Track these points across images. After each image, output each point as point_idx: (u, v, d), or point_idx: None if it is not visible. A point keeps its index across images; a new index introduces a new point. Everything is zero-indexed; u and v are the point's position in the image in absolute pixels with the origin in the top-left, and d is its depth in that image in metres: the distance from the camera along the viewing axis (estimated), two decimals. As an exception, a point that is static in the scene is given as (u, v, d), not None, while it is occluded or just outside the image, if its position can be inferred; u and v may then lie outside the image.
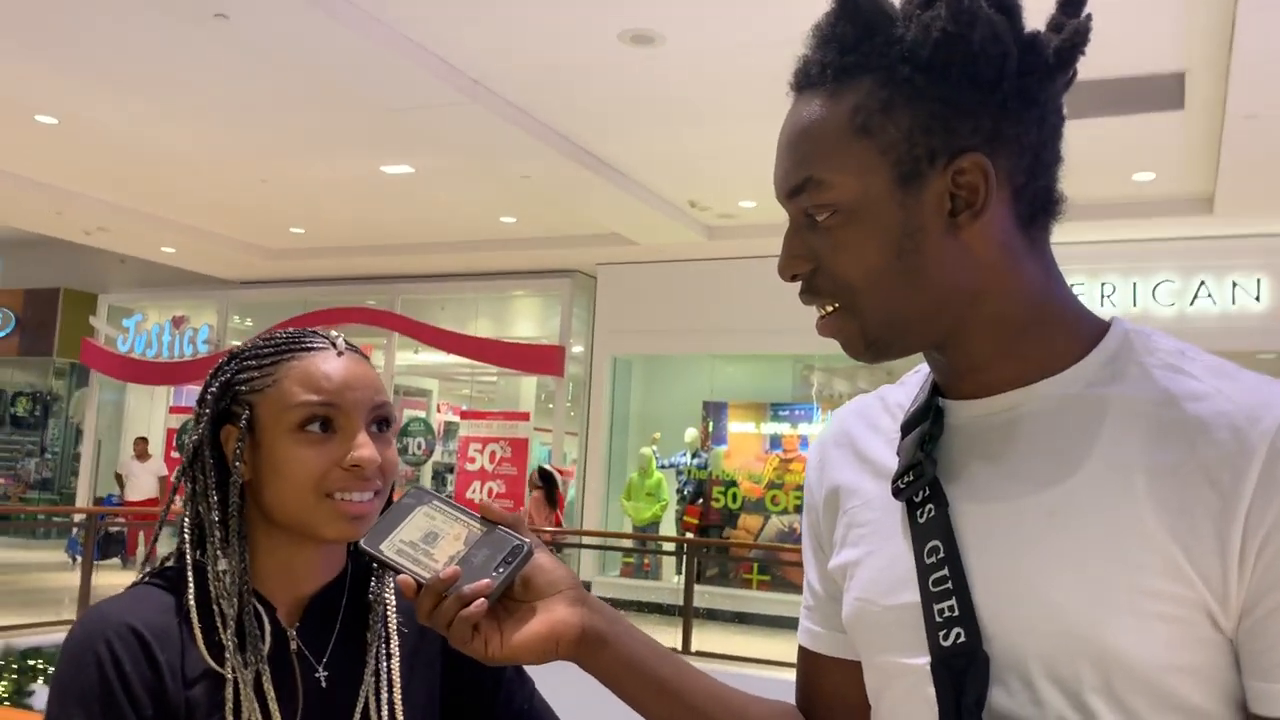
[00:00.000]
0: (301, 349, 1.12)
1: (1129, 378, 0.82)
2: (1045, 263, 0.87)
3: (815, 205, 0.84)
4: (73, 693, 0.99)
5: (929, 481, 0.85)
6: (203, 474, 1.10)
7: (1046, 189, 0.85)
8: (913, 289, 0.83)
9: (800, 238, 0.86)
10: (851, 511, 0.93)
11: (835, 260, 0.84)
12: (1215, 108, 6.41)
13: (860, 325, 0.86)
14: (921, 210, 0.82)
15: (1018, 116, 0.82)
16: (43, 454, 16.42)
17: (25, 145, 8.71)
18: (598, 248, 10.79)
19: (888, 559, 0.87)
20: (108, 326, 14.68)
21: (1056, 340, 0.85)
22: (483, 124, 7.12)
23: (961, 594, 0.80)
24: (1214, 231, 8.72)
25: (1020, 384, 0.85)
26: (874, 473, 0.92)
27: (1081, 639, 0.76)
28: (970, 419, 0.87)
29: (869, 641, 0.89)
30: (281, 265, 12.55)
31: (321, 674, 1.11)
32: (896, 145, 0.82)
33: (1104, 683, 0.76)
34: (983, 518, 0.83)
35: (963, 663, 0.78)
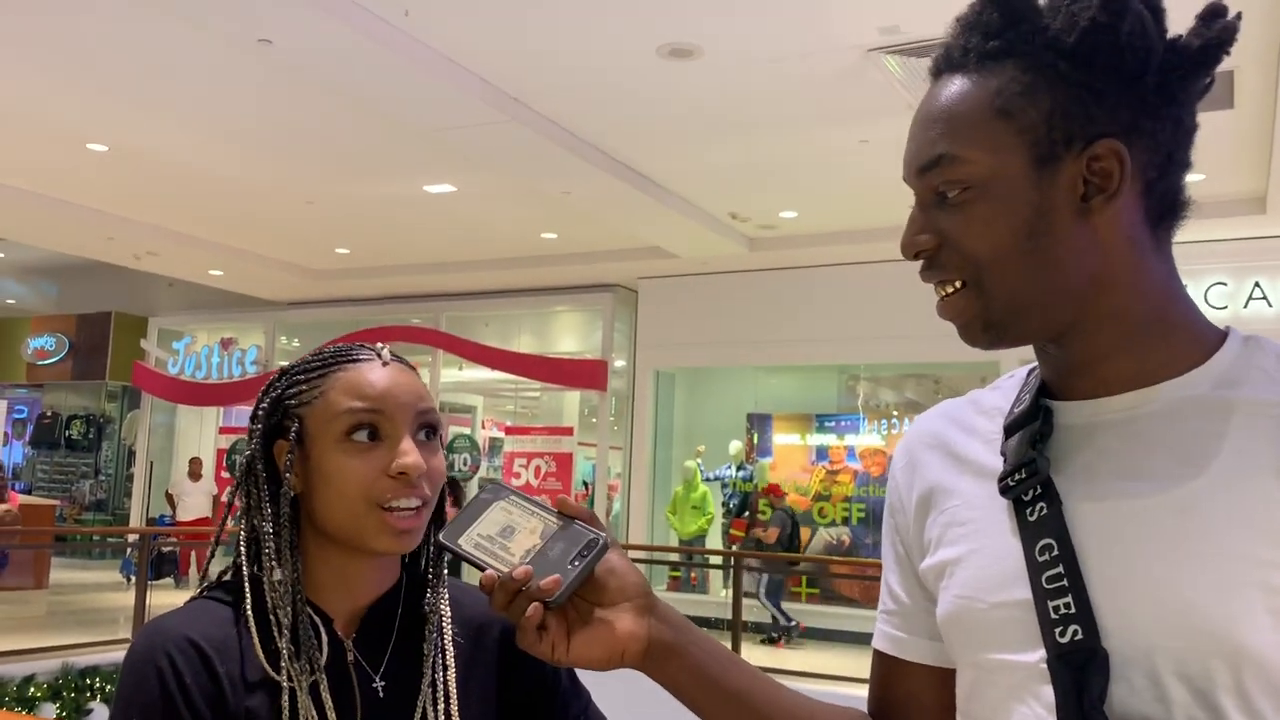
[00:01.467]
0: (348, 360, 1.14)
1: (1252, 382, 0.82)
2: (1169, 266, 0.88)
3: (947, 181, 0.85)
4: (135, 705, 1.00)
5: (1041, 480, 0.84)
6: (256, 488, 1.11)
7: (1175, 190, 0.86)
8: (1040, 271, 0.84)
9: (927, 215, 0.87)
10: (950, 511, 0.91)
11: (964, 237, 0.85)
12: (1266, 105, 6.30)
13: (983, 305, 0.86)
14: (1055, 192, 0.83)
15: (1156, 112, 0.83)
16: (97, 475, 16.73)
17: (77, 172, 8.90)
18: (638, 261, 10.80)
19: (993, 557, 0.86)
20: (158, 349, 14.93)
21: (1178, 342, 0.85)
22: (523, 141, 7.17)
23: (1078, 591, 0.79)
24: (1267, 231, 8.56)
25: (1138, 384, 0.84)
26: (974, 473, 0.91)
27: (1214, 637, 0.75)
28: (1085, 419, 0.86)
29: (971, 639, 0.87)
30: (327, 286, 12.71)
31: (379, 684, 1.11)
32: (1035, 127, 0.83)
33: (1235, 682, 0.75)
34: (1101, 516, 0.82)
35: (1081, 659, 0.77)
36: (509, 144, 7.26)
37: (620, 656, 0.87)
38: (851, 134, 7.09)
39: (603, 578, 0.88)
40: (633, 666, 0.89)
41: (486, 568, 0.87)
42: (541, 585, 0.84)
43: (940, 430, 0.97)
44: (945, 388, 11.38)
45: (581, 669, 0.88)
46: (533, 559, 0.87)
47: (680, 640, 0.90)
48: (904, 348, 9.90)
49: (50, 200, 9.67)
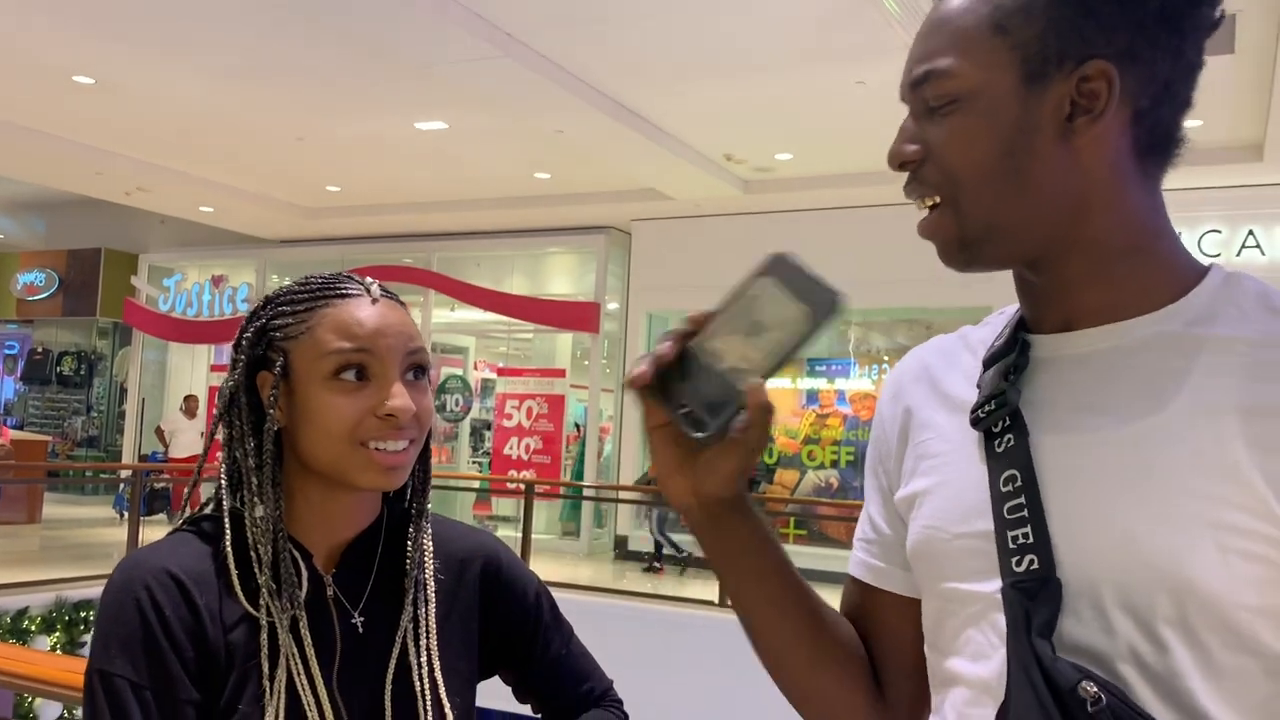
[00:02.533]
0: (336, 295, 1.11)
1: (1227, 319, 0.81)
2: (1154, 200, 0.86)
3: (937, 94, 0.85)
4: (115, 638, 1.00)
5: (1010, 411, 0.84)
6: (239, 420, 1.10)
7: (1169, 123, 0.85)
8: (1017, 190, 0.83)
9: (917, 126, 0.87)
10: (924, 443, 0.92)
11: (946, 150, 0.84)
12: (1267, 51, 6.23)
13: (959, 224, 0.85)
14: (1040, 110, 0.82)
15: (1155, 40, 0.81)
16: (88, 412, 16.74)
17: (63, 106, 8.77)
18: (632, 203, 10.73)
19: (960, 488, 0.86)
20: (149, 286, 14.86)
21: (1154, 274, 0.84)
22: (516, 78, 7.07)
23: (1037, 522, 0.79)
24: (1263, 180, 8.52)
25: (1112, 316, 0.84)
26: (951, 407, 0.91)
27: (1159, 569, 0.75)
28: (1058, 353, 0.86)
29: (935, 569, 0.88)
30: (318, 224, 12.61)
31: (358, 619, 1.11)
32: (1028, 43, 0.82)
33: (1179, 615, 0.75)
34: (1064, 449, 0.82)
35: (1034, 588, 0.77)
36: (502, 80, 7.17)
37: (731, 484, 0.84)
38: (848, 75, 7.00)
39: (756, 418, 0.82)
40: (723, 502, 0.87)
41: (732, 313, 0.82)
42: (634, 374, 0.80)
43: (928, 363, 0.97)
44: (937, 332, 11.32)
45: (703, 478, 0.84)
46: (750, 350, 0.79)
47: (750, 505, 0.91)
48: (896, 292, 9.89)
49: (36, 134, 9.55)
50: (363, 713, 1.08)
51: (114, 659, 0.99)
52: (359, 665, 1.10)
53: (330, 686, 1.07)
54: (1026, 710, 0.75)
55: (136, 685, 0.99)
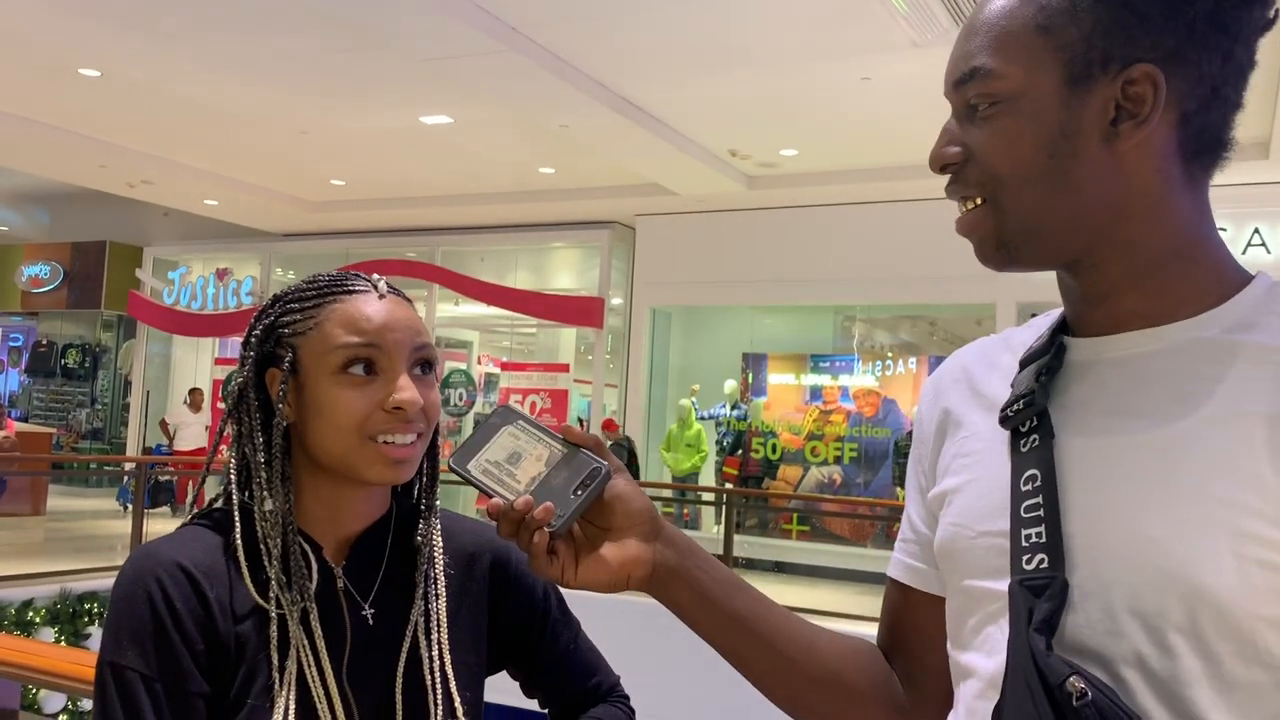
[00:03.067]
0: (344, 291, 1.12)
1: (1267, 327, 0.80)
2: (1200, 204, 0.85)
3: (980, 94, 0.84)
4: (126, 630, 1.01)
5: (1037, 411, 0.83)
6: (248, 416, 1.11)
7: (1217, 127, 0.83)
8: (1058, 192, 0.82)
9: (959, 127, 0.86)
10: (959, 441, 0.92)
11: (988, 151, 0.84)
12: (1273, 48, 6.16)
13: (998, 224, 0.85)
14: (1084, 113, 0.81)
15: (1203, 42, 0.80)
16: (93, 404, 16.77)
17: (69, 99, 8.78)
18: (637, 198, 10.72)
19: (987, 487, 0.86)
20: (153, 279, 14.88)
21: (1196, 280, 0.83)
22: (521, 72, 7.07)
23: (1051, 522, 0.79)
24: (1269, 177, 8.50)
25: (1152, 321, 0.83)
26: (986, 406, 0.91)
27: (1171, 574, 0.74)
28: (1094, 355, 0.85)
29: (957, 566, 0.88)
30: (322, 218, 12.62)
31: (368, 611, 1.12)
32: (1073, 44, 0.81)
33: (1190, 622, 0.73)
34: (1091, 451, 0.81)
35: (1040, 586, 0.77)
36: (506, 75, 7.16)
37: (626, 580, 0.90)
38: (853, 71, 6.99)
39: (609, 504, 0.90)
40: (639, 589, 0.91)
41: (493, 494, 0.89)
42: (536, 515, 0.85)
43: (968, 364, 0.97)
44: (940, 329, 11.39)
45: (591, 591, 0.90)
46: (537, 487, 0.89)
47: (685, 564, 0.92)
48: (900, 289, 9.88)
49: (41, 126, 9.55)
50: (373, 705, 1.09)
51: (125, 651, 1.00)
52: (369, 657, 1.11)
53: (340, 678, 1.07)
54: (1019, 703, 0.75)
55: (147, 677, 0.99)
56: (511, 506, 0.87)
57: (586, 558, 0.89)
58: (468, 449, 0.93)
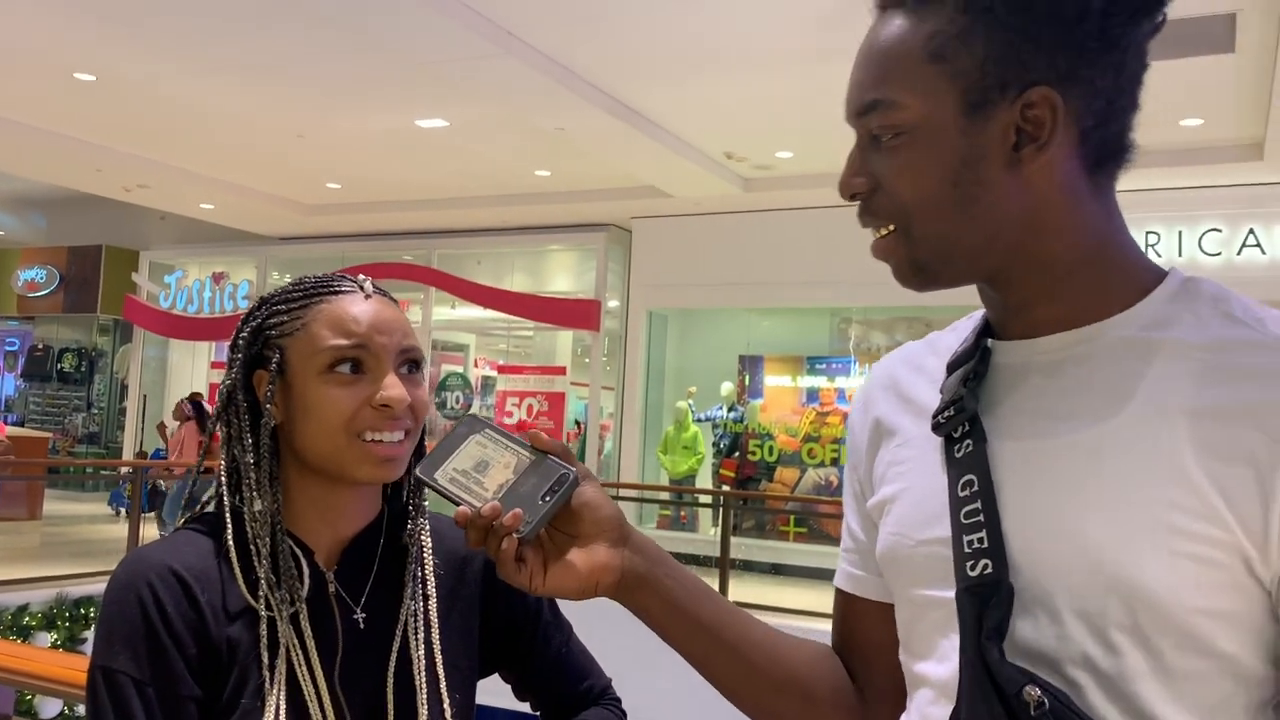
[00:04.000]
0: (330, 292, 1.13)
1: (1183, 324, 0.82)
2: (1108, 208, 0.86)
3: (881, 125, 0.84)
4: (118, 634, 1.01)
5: (969, 417, 0.85)
6: (236, 418, 1.11)
7: (1118, 135, 0.85)
8: (966, 218, 0.83)
9: (864, 157, 0.87)
10: (892, 449, 0.93)
11: (894, 182, 0.84)
12: (1267, 50, 6.23)
13: (910, 250, 0.86)
14: (985, 140, 0.82)
15: (1095, 58, 0.81)
16: (89, 409, 16.74)
17: (64, 102, 8.77)
18: (633, 200, 10.73)
19: (923, 494, 0.87)
20: (149, 283, 14.86)
21: (1111, 284, 0.85)
22: (516, 75, 7.07)
23: (992, 527, 0.80)
24: (1264, 178, 8.51)
25: (1072, 324, 0.85)
26: (916, 412, 0.92)
27: (1111, 575, 0.75)
28: (1017, 359, 0.87)
29: (901, 576, 0.89)
30: (319, 221, 12.61)
31: (359, 615, 1.12)
32: (969, 72, 0.81)
33: (1131, 620, 0.75)
34: (1021, 455, 0.82)
35: (987, 593, 0.78)
36: (502, 77, 7.17)
37: (595, 587, 0.90)
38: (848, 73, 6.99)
39: (577, 510, 0.90)
40: (607, 596, 0.92)
41: (461, 502, 0.89)
42: (505, 521, 0.85)
43: (895, 372, 0.98)
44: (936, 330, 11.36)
45: (559, 598, 0.91)
46: (504, 495, 0.88)
47: (653, 571, 0.93)
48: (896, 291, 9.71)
49: (36, 130, 9.54)
50: (364, 707, 1.09)
51: (117, 655, 1.00)
52: (361, 661, 1.11)
53: (332, 680, 1.07)
54: (975, 712, 0.76)
55: (139, 681, 0.99)
56: (479, 513, 0.86)
57: (555, 564, 0.89)
58: (434, 458, 0.93)
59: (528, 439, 0.92)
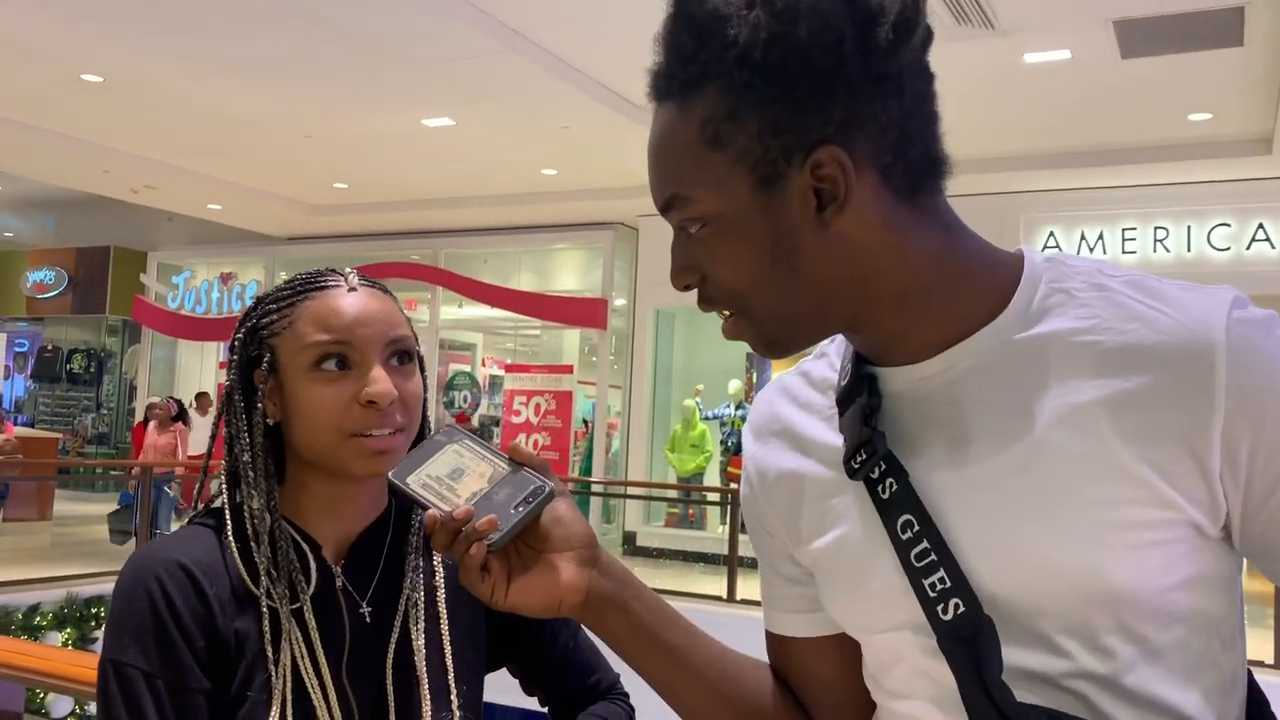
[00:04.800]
0: (316, 288, 1.13)
1: (1059, 310, 0.81)
2: (941, 225, 0.83)
3: (684, 220, 0.83)
4: (127, 628, 1.02)
5: (883, 456, 0.82)
6: (235, 418, 1.12)
7: (923, 155, 0.81)
8: (797, 288, 0.81)
9: (684, 250, 0.85)
10: (809, 503, 0.90)
11: (716, 271, 0.83)
12: (1275, 43, 6.20)
13: (755, 329, 0.84)
14: (787, 212, 0.79)
15: (869, 98, 0.77)
16: (98, 409, 16.80)
17: (72, 104, 8.80)
18: (639, 199, 10.71)
19: (859, 543, 0.84)
20: (158, 284, 14.92)
21: (969, 295, 0.83)
22: (522, 74, 7.08)
23: (949, 563, 0.78)
24: (1272, 173, 8.47)
25: (949, 343, 0.82)
26: (820, 457, 0.89)
27: (1089, 589, 0.76)
28: (908, 385, 0.85)
29: (860, 622, 0.88)
30: (326, 221, 12.64)
31: (366, 609, 1.12)
32: (750, 152, 0.79)
33: (1117, 622, 0.76)
34: (949, 484, 0.81)
35: (969, 632, 0.77)
36: (508, 76, 7.17)
37: (558, 605, 0.87)
38: (855, 70, 6.99)
39: (548, 526, 0.87)
40: (570, 615, 0.89)
41: (430, 507, 0.87)
42: (478, 526, 0.83)
43: (781, 412, 0.95)
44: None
45: (521, 613, 0.88)
46: (477, 501, 0.87)
47: (620, 594, 0.90)
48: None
49: (44, 132, 9.58)
50: (372, 700, 1.10)
51: (126, 649, 1.01)
52: (369, 654, 1.11)
53: (339, 674, 1.08)
54: None
55: (149, 674, 1.00)
56: (450, 516, 0.84)
57: (519, 578, 0.86)
58: (408, 464, 0.91)
59: (508, 452, 0.90)
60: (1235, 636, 0.81)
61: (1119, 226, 9.22)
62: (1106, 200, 8.97)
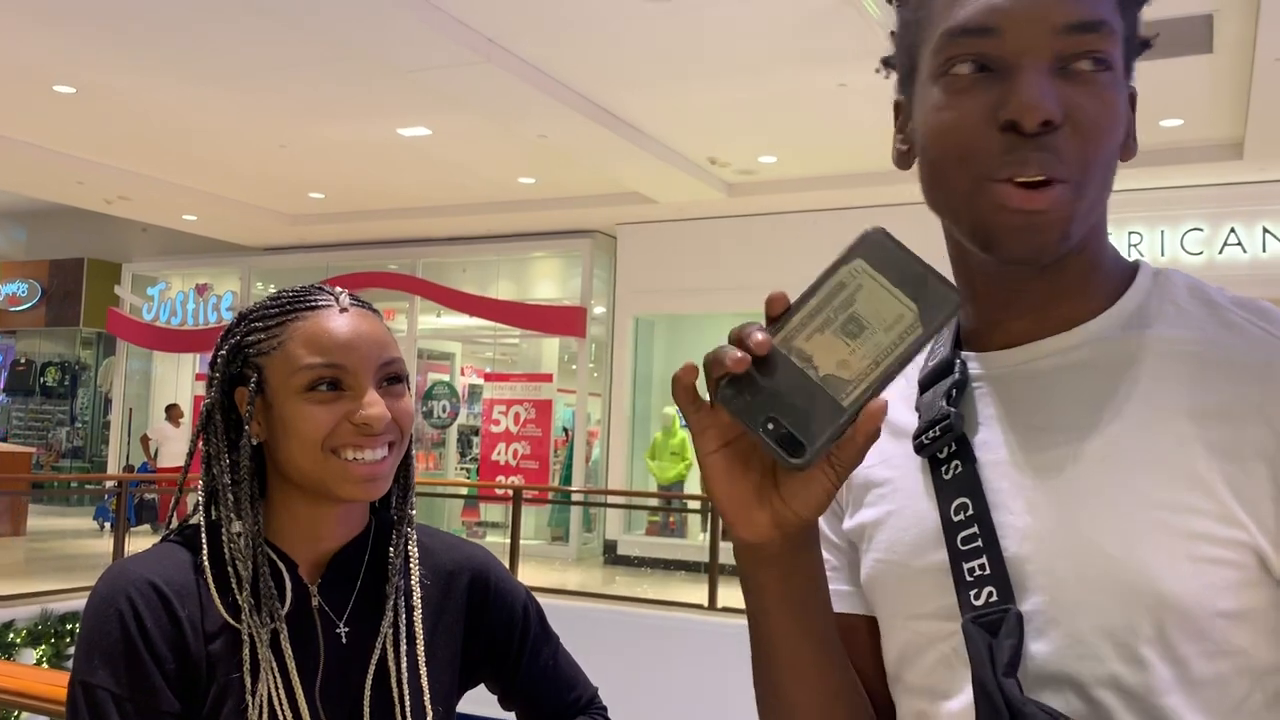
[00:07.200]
0: (306, 308, 1.11)
1: (1165, 319, 0.78)
2: None
3: (1094, 51, 0.74)
4: (98, 649, 1.00)
5: (956, 437, 0.79)
6: (215, 437, 1.10)
7: None
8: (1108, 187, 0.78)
9: (1058, 87, 0.73)
10: (866, 471, 0.86)
11: (1097, 123, 0.74)
12: (1245, 50, 6.27)
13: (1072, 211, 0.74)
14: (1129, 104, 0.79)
15: None
16: (73, 423, 16.63)
17: (44, 115, 8.72)
18: (617, 207, 10.73)
19: (912, 518, 0.82)
20: (132, 295, 14.78)
21: (1093, 282, 0.81)
22: (498, 83, 7.06)
23: (992, 551, 0.75)
24: (1244, 177, 8.58)
25: (1052, 331, 0.80)
26: (890, 430, 0.84)
27: (1138, 590, 0.72)
28: (1000, 370, 0.82)
29: (895, 604, 0.84)
30: (302, 231, 12.57)
31: (342, 630, 1.11)
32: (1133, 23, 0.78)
33: (1158, 633, 0.72)
34: (1017, 470, 0.78)
35: (995, 621, 0.73)
36: (484, 85, 7.16)
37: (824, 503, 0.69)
38: (830, 77, 7.02)
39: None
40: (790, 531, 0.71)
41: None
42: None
43: None
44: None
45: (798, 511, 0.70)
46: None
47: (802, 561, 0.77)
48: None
49: (16, 143, 9.49)
50: None
51: (96, 670, 0.99)
52: (343, 676, 1.10)
53: (313, 698, 1.06)
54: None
55: (118, 696, 0.98)
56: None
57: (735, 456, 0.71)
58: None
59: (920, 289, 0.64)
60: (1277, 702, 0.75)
61: (1093, 231, 9.30)
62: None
